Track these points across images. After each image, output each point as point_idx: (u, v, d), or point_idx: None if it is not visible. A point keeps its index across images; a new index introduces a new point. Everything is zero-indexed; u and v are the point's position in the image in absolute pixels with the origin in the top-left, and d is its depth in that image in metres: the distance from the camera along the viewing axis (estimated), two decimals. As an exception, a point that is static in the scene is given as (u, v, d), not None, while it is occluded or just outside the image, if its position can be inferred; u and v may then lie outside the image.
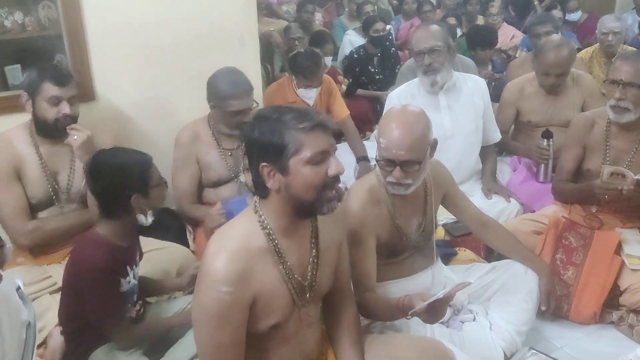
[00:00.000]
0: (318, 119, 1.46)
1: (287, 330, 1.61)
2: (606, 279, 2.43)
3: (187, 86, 3.00)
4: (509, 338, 2.10)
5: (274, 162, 1.46)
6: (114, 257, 1.86)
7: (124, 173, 1.84)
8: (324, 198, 1.48)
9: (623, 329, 2.41)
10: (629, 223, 2.63)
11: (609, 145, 2.58)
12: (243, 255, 1.48)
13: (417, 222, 2.13)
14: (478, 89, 3.08)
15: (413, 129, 1.90)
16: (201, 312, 1.49)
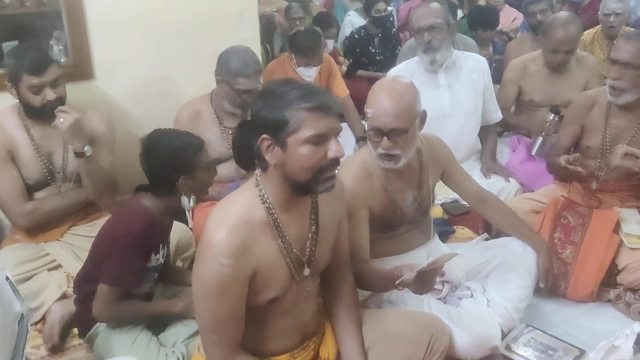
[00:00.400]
0: (322, 99, 1.44)
1: (285, 304, 1.62)
2: (604, 258, 2.43)
3: (187, 65, 3.00)
4: (506, 315, 2.11)
5: (273, 136, 1.45)
6: (151, 230, 1.89)
7: (174, 153, 1.88)
8: (320, 179, 1.47)
9: (620, 307, 2.41)
10: (627, 202, 2.63)
11: (609, 124, 2.56)
12: (243, 229, 1.48)
13: (412, 196, 2.13)
14: (478, 67, 3.06)
15: (400, 97, 1.91)
16: (202, 285, 1.49)
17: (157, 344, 1.94)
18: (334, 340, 1.78)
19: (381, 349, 1.76)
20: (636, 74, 2.39)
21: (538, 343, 2.14)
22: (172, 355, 1.90)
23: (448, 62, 2.97)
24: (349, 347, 1.73)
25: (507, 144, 3.41)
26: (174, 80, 3.00)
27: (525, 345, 2.13)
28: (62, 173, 2.43)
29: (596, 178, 2.62)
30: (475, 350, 1.95)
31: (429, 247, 2.22)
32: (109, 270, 1.89)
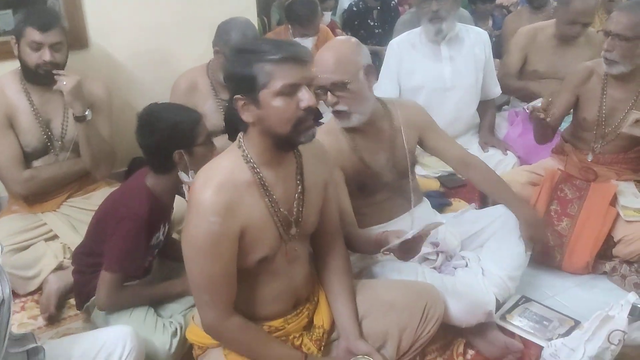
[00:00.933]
0: (288, 50, 1.43)
1: (275, 265, 1.63)
2: (600, 230, 2.43)
3: (183, 34, 2.96)
4: (501, 284, 2.10)
5: (246, 94, 1.45)
6: (153, 211, 1.87)
7: (170, 127, 1.84)
8: (300, 129, 1.47)
9: (615, 279, 2.42)
10: (624, 176, 2.62)
11: (605, 95, 2.54)
12: (229, 187, 1.49)
13: (385, 157, 2.11)
14: (480, 41, 3.03)
15: (338, 50, 1.92)
16: (191, 244, 1.51)
17: (154, 315, 1.94)
18: (329, 308, 1.79)
19: (376, 318, 1.77)
20: (627, 46, 2.37)
21: (533, 314, 2.16)
22: (169, 326, 1.91)
23: (451, 35, 2.94)
24: (342, 315, 1.75)
25: (505, 117, 3.40)
26: (170, 49, 2.96)
27: (520, 316, 2.14)
28: (61, 141, 2.42)
29: (592, 150, 2.62)
30: (469, 316, 1.95)
31: (413, 214, 2.20)
32: (112, 256, 1.87)
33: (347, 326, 1.72)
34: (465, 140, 3.01)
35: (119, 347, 1.64)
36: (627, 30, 2.34)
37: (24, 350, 1.54)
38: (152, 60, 2.94)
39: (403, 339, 1.76)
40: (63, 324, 2.21)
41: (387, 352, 1.75)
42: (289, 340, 1.71)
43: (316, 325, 1.77)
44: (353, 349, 1.68)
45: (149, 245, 1.94)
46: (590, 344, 1.78)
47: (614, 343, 1.76)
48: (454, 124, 2.98)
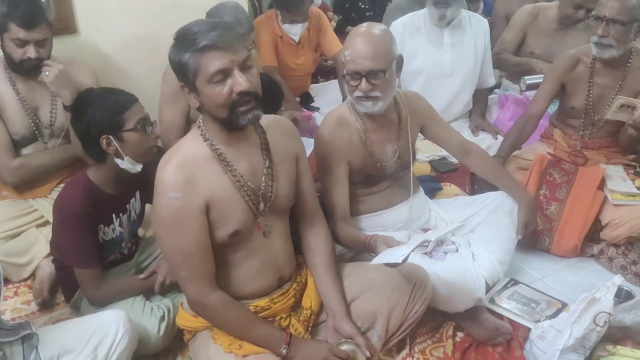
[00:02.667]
0: (212, 36, 1.43)
1: (252, 241, 1.67)
2: (588, 214, 2.46)
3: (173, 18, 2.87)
4: (490, 268, 2.13)
5: (186, 83, 1.51)
6: (95, 204, 1.84)
7: (96, 112, 1.79)
8: (238, 112, 1.49)
9: (603, 262, 2.46)
10: (613, 159, 2.66)
11: (592, 82, 2.56)
12: (189, 164, 1.53)
13: (392, 149, 2.13)
14: (480, 28, 3.05)
15: (377, 39, 1.92)
16: (157, 222, 1.56)
17: (143, 300, 1.95)
18: (317, 291, 1.82)
19: (366, 298, 1.80)
20: (622, 30, 2.38)
21: (521, 296, 2.19)
22: (157, 310, 1.92)
23: (455, 21, 2.93)
24: (327, 294, 1.78)
25: (495, 101, 3.41)
26: (160, 35, 2.92)
27: (509, 298, 2.17)
28: (50, 128, 2.40)
29: (581, 137, 2.64)
30: (459, 302, 1.98)
31: (410, 202, 2.23)
32: (67, 252, 1.88)
33: (332, 305, 1.76)
34: (456, 125, 3.02)
35: (112, 331, 1.65)
36: (621, 14, 2.36)
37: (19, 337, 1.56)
38: (142, 46, 2.91)
39: (391, 319, 1.80)
40: (56, 309, 2.21)
41: (377, 332, 1.79)
42: (276, 321, 1.74)
43: (304, 306, 1.80)
44: (339, 329, 1.71)
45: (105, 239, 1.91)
46: (576, 325, 1.81)
47: (600, 325, 1.79)
48: (448, 109, 3.00)
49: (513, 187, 2.28)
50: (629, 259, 2.42)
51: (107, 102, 1.81)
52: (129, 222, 2.00)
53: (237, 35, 1.52)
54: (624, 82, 2.51)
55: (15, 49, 2.22)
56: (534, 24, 3.31)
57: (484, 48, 3.05)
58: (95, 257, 1.88)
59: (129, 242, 2.07)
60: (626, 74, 2.52)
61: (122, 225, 1.97)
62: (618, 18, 2.36)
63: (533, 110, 2.69)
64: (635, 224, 2.40)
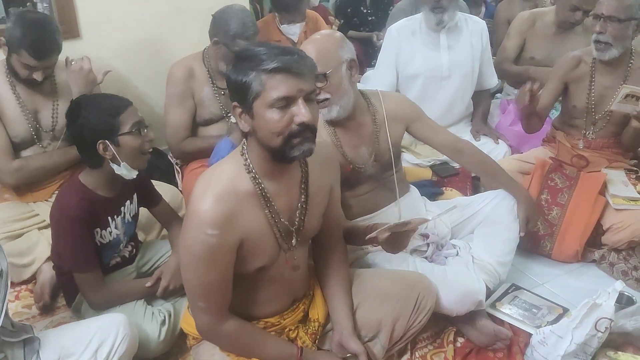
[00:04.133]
0: (284, 60, 1.36)
1: (274, 273, 1.63)
2: (589, 219, 2.46)
3: (175, 22, 2.94)
4: (491, 270, 2.13)
5: (242, 103, 1.42)
6: (90, 208, 1.84)
7: (90, 117, 1.78)
8: (292, 144, 1.42)
9: (604, 267, 2.46)
10: (615, 162, 2.66)
11: (594, 82, 2.57)
12: (230, 198, 1.46)
13: (367, 152, 2.11)
14: (478, 30, 3.04)
15: (319, 43, 1.93)
16: (188, 254, 1.49)
17: (144, 304, 1.95)
18: (324, 302, 1.81)
19: (370, 307, 1.79)
20: (619, 27, 2.39)
21: (522, 302, 2.19)
22: (158, 315, 1.92)
23: (451, 24, 2.94)
24: (337, 309, 1.76)
25: (497, 105, 3.42)
26: (163, 38, 2.95)
27: (510, 304, 2.17)
28: (51, 132, 2.40)
29: (584, 137, 2.65)
30: (460, 305, 1.97)
31: (399, 204, 2.21)
32: (65, 257, 1.88)
33: (341, 321, 1.74)
34: (457, 129, 3.03)
35: (111, 335, 1.65)
36: (618, 11, 2.37)
37: (21, 340, 1.57)
38: (145, 50, 2.93)
39: (396, 328, 1.79)
40: (57, 313, 2.21)
41: (380, 342, 1.78)
42: (284, 333, 1.73)
43: (311, 318, 1.79)
44: (345, 345, 1.70)
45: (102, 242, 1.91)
46: (577, 331, 1.81)
47: (601, 330, 1.79)
48: (448, 112, 2.99)
49: (510, 184, 2.24)
50: (630, 264, 2.41)
51: (101, 106, 1.80)
52: (123, 224, 1.99)
53: (310, 65, 1.43)
54: (625, 82, 2.52)
55: (22, 69, 2.24)
56: (532, 30, 3.32)
57: (482, 49, 3.04)
58: (94, 261, 1.88)
59: (127, 245, 2.07)
60: (628, 74, 2.53)
61: (117, 227, 1.97)
62: (615, 15, 2.38)
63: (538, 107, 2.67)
64: (636, 229, 2.41)
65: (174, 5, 2.90)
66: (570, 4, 3.11)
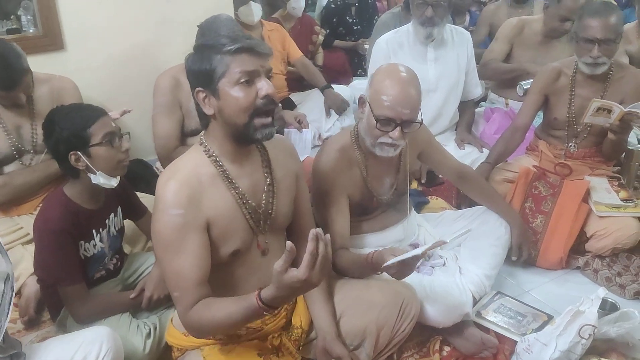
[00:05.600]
0: (245, 41, 1.46)
1: (250, 260, 1.65)
2: (573, 226, 2.49)
3: (160, 32, 2.94)
4: (478, 282, 2.15)
5: (206, 87, 1.49)
6: (74, 220, 1.83)
7: (62, 129, 1.79)
8: (258, 123, 1.49)
9: (588, 274, 2.48)
10: (597, 169, 2.69)
11: (574, 94, 2.60)
12: (192, 181, 1.51)
13: (389, 183, 2.14)
14: (463, 41, 3.08)
15: (417, 87, 1.91)
16: (158, 239, 1.51)
17: (129, 317, 1.94)
18: (306, 308, 1.82)
19: (355, 315, 1.80)
20: (614, 47, 2.45)
21: (508, 309, 2.20)
22: (143, 327, 1.91)
23: (438, 37, 2.96)
24: (319, 315, 1.77)
25: (481, 114, 3.45)
26: (148, 48, 2.95)
27: (495, 311, 2.18)
28: (33, 148, 2.38)
29: (567, 150, 2.68)
30: (447, 317, 1.99)
31: (404, 223, 2.24)
32: (49, 270, 1.86)
33: (324, 326, 1.74)
34: (442, 138, 3.06)
35: (95, 348, 1.62)
36: (612, 33, 2.41)
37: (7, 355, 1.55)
38: (130, 61, 2.92)
39: (380, 336, 1.80)
40: (43, 327, 2.19)
41: (365, 350, 1.79)
42: (268, 340, 1.73)
43: (294, 325, 1.79)
44: (329, 350, 1.70)
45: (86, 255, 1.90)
46: (561, 338, 1.82)
47: (585, 337, 1.80)
48: (434, 124, 3.02)
49: (506, 210, 2.34)
50: (614, 271, 2.44)
51: (73, 118, 1.80)
52: (109, 237, 1.99)
53: (267, 47, 1.52)
54: (605, 93, 2.56)
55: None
56: (520, 37, 3.36)
57: (467, 60, 3.08)
58: (78, 274, 1.87)
59: (112, 258, 2.06)
60: (607, 85, 2.56)
61: (102, 240, 1.96)
62: (610, 37, 2.41)
63: (519, 123, 2.73)
64: (619, 235, 2.44)
65: (159, 16, 2.90)
66: (560, 14, 3.15)
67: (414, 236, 2.31)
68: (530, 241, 2.43)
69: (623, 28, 2.49)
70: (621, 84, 2.56)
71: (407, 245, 2.24)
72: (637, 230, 2.46)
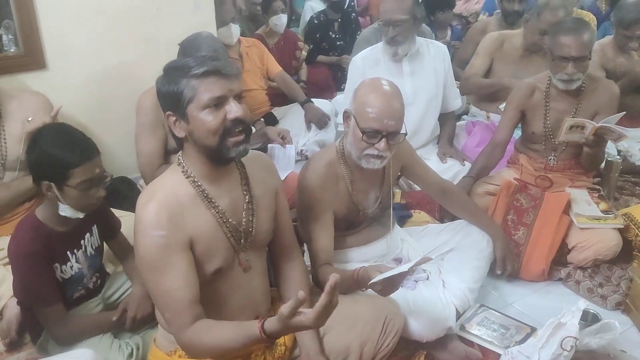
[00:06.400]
0: (212, 64, 1.46)
1: (232, 278, 1.65)
2: (555, 238, 2.51)
3: (143, 51, 2.94)
4: (461, 295, 2.16)
5: (176, 111, 1.49)
6: (46, 243, 1.81)
7: (45, 156, 1.74)
8: (229, 143, 1.49)
9: (570, 285, 2.50)
10: (577, 181, 2.73)
11: (549, 108, 2.65)
12: (171, 201, 1.51)
13: (374, 197, 2.16)
14: (440, 54, 3.11)
15: (400, 99, 1.95)
16: (143, 262, 1.51)
17: (111, 336, 1.93)
18: None
19: (338, 332, 1.79)
20: (587, 63, 2.51)
21: (491, 322, 2.21)
22: (125, 347, 1.90)
23: (412, 51, 3.00)
24: (303, 332, 1.76)
25: (463, 127, 3.48)
26: (129, 67, 2.94)
27: (479, 325, 2.20)
28: (2, 164, 2.34)
29: (547, 163, 2.73)
30: (430, 331, 2.00)
31: (388, 238, 2.26)
32: (25, 293, 1.85)
33: (307, 343, 1.74)
34: (424, 152, 3.08)
35: None
36: (586, 50, 2.47)
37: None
38: (112, 79, 2.92)
39: (364, 352, 1.80)
40: (25, 349, 2.16)
41: (349, 366, 1.78)
42: (251, 357, 1.72)
43: (278, 342, 1.78)
44: None
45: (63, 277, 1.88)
46: (544, 351, 1.83)
47: (567, 349, 1.82)
48: (414, 137, 3.03)
49: (488, 224, 2.37)
50: (596, 282, 2.47)
51: (61, 149, 1.74)
52: (85, 257, 1.97)
53: (236, 68, 1.52)
54: (579, 106, 2.62)
55: None
56: (500, 51, 3.40)
57: (445, 72, 3.10)
58: (54, 296, 1.84)
59: (92, 277, 2.04)
60: (581, 98, 2.62)
61: (79, 261, 1.94)
62: (584, 54, 2.46)
63: (498, 138, 2.77)
64: (600, 247, 2.47)
65: (142, 35, 2.90)
66: (540, 28, 3.19)
67: (397, 250, 2.32)
68: (513, 253, 2.46)
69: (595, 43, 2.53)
70: (594, 96, 2.61)
71: (391, 259, 2.26)
72: (618, 241, 2.49)
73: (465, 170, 2.97)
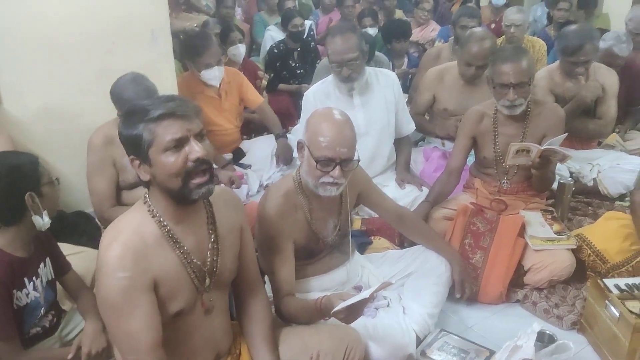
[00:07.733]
0: (167, 106, 1.46)
1: (192, 319, 1.62)
2: (510, 260, 2.57)
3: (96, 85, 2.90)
4: (421, 321, 2.19)
5: (138, 155, 1.49)
6: (7, 270, 1.79)
7: (14, 172, 1.80)
8: (191, 185, 1.49)
9: (527, 306, 2.55)
10: (531, 204, 2.81)
11: (497, 133, 2.74)
12: (137, 242, 1.49)
13: (333, 224, 2.18)
14: (389, 82, 3.15)
15: (351, 127, 1.99)
16: (105, 305, 1.48)
17: None
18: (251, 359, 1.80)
19: None
20: (528, 89, 2.60)
21: (451, 347, 2.23)
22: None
23: (361, 83, 3.04)
24: None
25: (421, 152, 3.54)
26: (84, 101, 2.91)
27: (440, 349, 2.21)
28: None
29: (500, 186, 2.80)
30: (391, 358, 2.02)
31: (347, 265, 2.27)
32: None
33: None
34: (382, 179, 3.12)
35: None
36: (525, 76, 2.56)
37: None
38: (67, 114, 2.87)
39: None
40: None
41: (311, 399, 1.78)
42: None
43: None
44: None
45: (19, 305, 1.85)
46: (502, 374, 1.86)
47: (524, 372, 1.85)
48: (370, 165, 3.07)
49: (444, 249, 2.42)
50: (552, 302, 2.52)
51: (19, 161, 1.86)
52: (42, 286, 1.94)
53: (193, 107, 1.51)
54: (526, 129, 2.71)
55: None
56: (441, 85, 3.46)
57: (395, 100, 3.14)
58: (10, 329, 1.81)
59: (48, 313, 2.00)
60: (527, 122, 2.71)
61: (36, 289, 1.91)
62: (524, 80, 2.56)
63: (452, 165, 2.85)
64: (555, 268, 2.53)
65: (95, 71, 2.87)
66: (464, 59, 3.30)
67: (358, 278, 2.34)
68: (471, 277, 2.50)
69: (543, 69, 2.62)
70: (540, 119, 2.70)
71: (351, 287, 2.27)
72: (571, 262, 2.56)
73: (424, 195, 3.02)
